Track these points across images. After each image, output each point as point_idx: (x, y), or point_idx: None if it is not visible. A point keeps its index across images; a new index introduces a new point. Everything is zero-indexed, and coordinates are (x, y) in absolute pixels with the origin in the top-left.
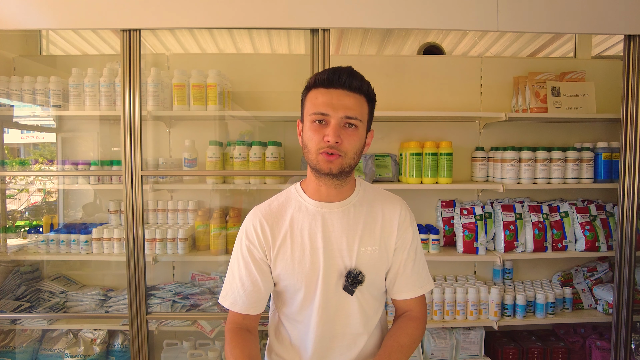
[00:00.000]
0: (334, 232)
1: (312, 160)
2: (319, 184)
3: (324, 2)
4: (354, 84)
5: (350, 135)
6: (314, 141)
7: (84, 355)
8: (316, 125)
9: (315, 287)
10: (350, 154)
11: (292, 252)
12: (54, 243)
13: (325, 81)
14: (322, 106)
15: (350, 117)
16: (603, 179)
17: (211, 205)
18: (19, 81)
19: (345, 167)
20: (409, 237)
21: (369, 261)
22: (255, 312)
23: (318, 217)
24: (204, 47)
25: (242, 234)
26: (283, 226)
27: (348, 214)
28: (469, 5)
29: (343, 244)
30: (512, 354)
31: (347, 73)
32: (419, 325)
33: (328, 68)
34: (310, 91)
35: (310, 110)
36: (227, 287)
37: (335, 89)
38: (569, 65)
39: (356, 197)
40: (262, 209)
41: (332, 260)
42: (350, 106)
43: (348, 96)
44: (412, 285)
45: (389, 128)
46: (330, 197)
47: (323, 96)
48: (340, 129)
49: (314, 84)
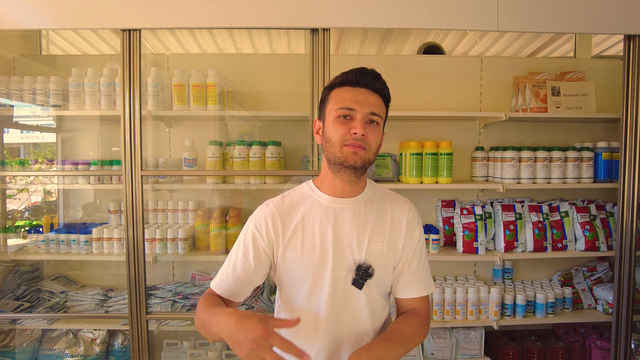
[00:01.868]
0: (345, 227)
1: (336, 153)
2: (335, 179)
3: (324, 2)
4: (377, 86)
5: (373, 130)
6: (339, 134)
7: (84, 355)
8: (341, 120)
9: (323, 279)
10: (373, 148)
11: (302, 244)
12: (54, 243)
13: (353, 80)
14: (349, 102)
15: (374, 114)
16: (603, 179)
17: (211, 205)
18: (19, 81)
19: (366, 162)
20: (416, 237)
21: (378, 256)
22: (237, 299)
23: (330, 212)
24: (204, 47)
25: (250, 222)
26: (295, 219)
27: (359, 211)
28: (469, 5)
29: (353, 239)
30: (512, 354)
31: (372, 75)
32: (422, 322)
33: (354, 68)
34: (335, 89)
35: (337, 105)
36: (219, 274)
37: (361, 87)
38: (569, 65)
39: (367, 195)
40: (275, 201)
41: (341, 254)
42: (374, 104)
43: (372, 95)
44: (417, 284)
45: (388, 128)
46: (344, 193)
47: (349, 93)
48: (365, 123)
49: (341, 83)
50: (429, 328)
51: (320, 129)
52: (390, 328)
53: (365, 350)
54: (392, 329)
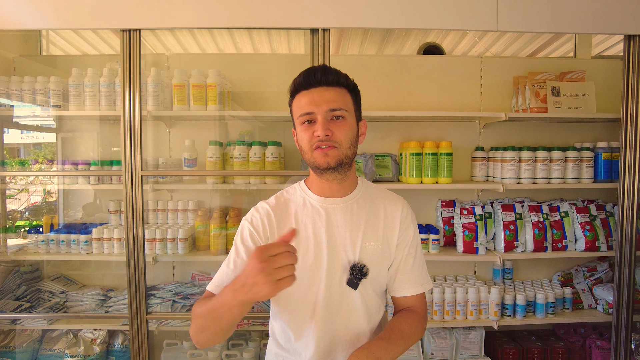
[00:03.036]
0: (338, 227)
1: (310, 159)
2: (322, 181)
3: (324, 2)
4: (329, 78)
5: (339, 126)
6: (305, 139)
7: (84, 355)
8: (305, 125)
9: (318, 281)
10: (344, 143)
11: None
12: (54, 243)
13: (303, 83)
14: (305, 106)
15: (334, 109)
16: (603, 179)
17: (211, 205)
18: (19, 81)
19: (343, 158)
20: (410, 234)
21: (371, 256)
22: None
23: (322, 213)
24: (204, 47)
25: (245, 221)
26: (288, 220)
27: (351, 210)
28: (469, 5)
29: (347, 239)
30: (512, 354)
31: (320, 70)
32: (420, 320)
33: (302, 71)
34: (294, 97)
35: (297, 113)
36: (217, 276)
37: (314, 87)
38: (569, 65)
39: (358, 193)
40: (269, 202)
41: (335, 255)
42: (332, 99)
43: (328, 91)
44: (413, 282)
45: (389, 128)
46: (333, 193)
47: (304, 97)
48: (328, 122)
49: (295, 89)
50: (426, 325)
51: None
52: (388, 326)
53: (365, 349)
54: (391, 327)
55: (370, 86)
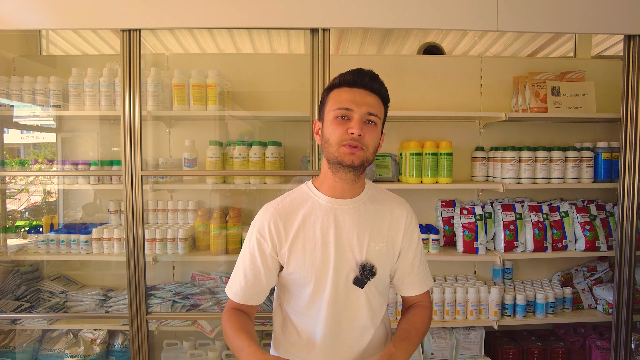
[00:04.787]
0: (345, 227)
1: (334, 153)
2: (335, 179)
3: (324, 2)
4: (375, 86)
5: (370, 131)
6: (337, 134)
7: (84, 355)
8: (339, 120)
9: (325, 280)
10: (370, 148)
11: (303, 246)
12: (54, 243)
13: (350, 81)
14: (346, 102)
15: (371, 114)
16: (603, 179)
17: (211, 205)
18: (19, 81)
19: (365, 161)
20: (415, 238)
21: (377, 256)
22: (255, 302)
23: (330, 213)
24: (204, 47)
25: (253, 228)
26: (296, 221)
27: (359, 211)
28: (469, 5)
29: (354, 239)
30: (512, 354)
31: (370, 76)
32: (428, 313)
33: (352, 69)
34: (333, 90)
35: (334, 106)
36: (232, 279)
37: (358, 88)
38: (569, 65)
39: (366, 195)
40: (275, 204)
41: (343, 255)
42: (372, 104)
43: (370, 95)
44: (419, 282)
45: (388, 128)
46: (343, 194)
47: (347, 94)
48: (362, 124)
49: (339, 84)
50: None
51: (320, 130)
52: (404, 326)
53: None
54: (407, 327)
55: None
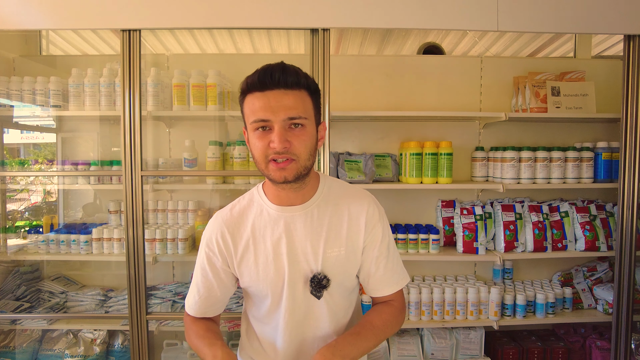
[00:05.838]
0: (298, 236)
1: (264, 171)
2: (277, 189)
3: (324, 2)
4: (289, 80)
5: (298, 136)
6: (260, 149)
7: (84, 356)
8: (260, 132)
9: (281, 293)
10: (303, 155)
11: (255, 259)
12: (54, 243)
13: (257, 84)
14: (260, 111)
15: (293, 118)
16: (603, 179)
17: (211, 205)
18: (19, 81)
19: (301, 171)
20: (378, 234)
21: (335, 263)
22: (212, 314)
23: (280, 222)
24: (204, 47)
25: (203, 240)
26: (245, 232)
27: (312, 216)
28: (469, 5)
29: (307, 248)
30: (512, 354)
31: (279, 70)
32: (395, 312)
33: (258, 68)
34: (247, 96)
35: (250, 117)
36: (189, 291)
37: (270, 90)
38: (569, 65)
39: (319, 196)
40: (223, 215)
41: (297, 266)
42: (291, 105)
43: (286, 95)
44: (388, 282)
45: (388, 128)
46: (291, 201)
47: (259, 100)
48: (286, 131)
49: (248, 89)
50: (404, 317)
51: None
52: (360, 321)
53: (331, 347)
54: (362, 322)
55: (370, 86)
